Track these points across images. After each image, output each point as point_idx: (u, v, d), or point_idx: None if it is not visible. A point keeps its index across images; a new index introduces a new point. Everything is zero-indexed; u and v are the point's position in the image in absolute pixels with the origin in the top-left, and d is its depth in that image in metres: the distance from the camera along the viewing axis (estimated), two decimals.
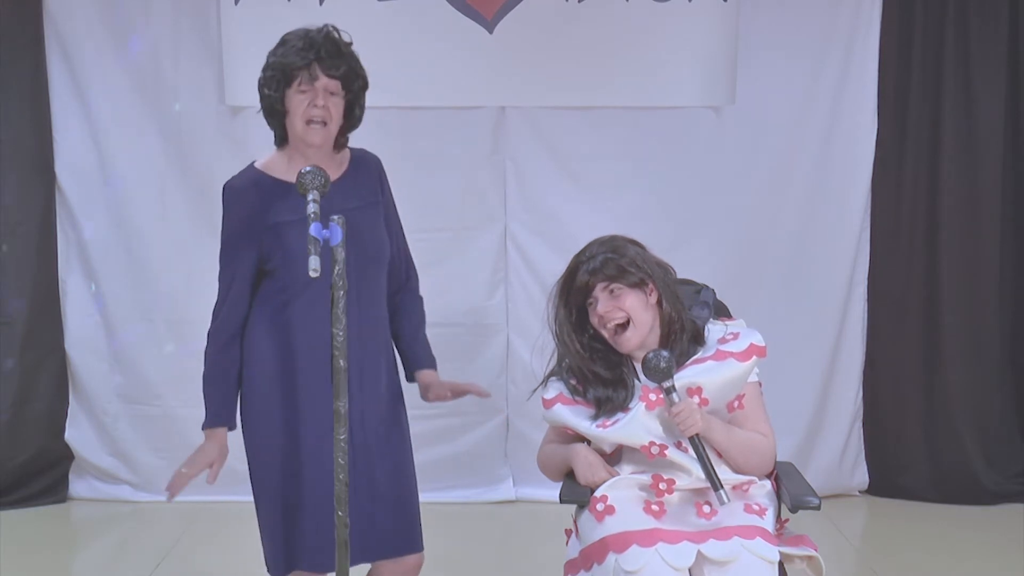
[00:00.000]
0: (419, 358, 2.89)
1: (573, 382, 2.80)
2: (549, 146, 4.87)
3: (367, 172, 2.80)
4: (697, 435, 2.59)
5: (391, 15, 4.69)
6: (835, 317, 4.93)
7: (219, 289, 2.74)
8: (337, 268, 2.37)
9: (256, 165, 2.75)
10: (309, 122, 2.67)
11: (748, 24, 4.76)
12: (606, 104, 4.81)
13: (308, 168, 2.47)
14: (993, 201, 4.87)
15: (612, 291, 2.73)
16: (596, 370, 2.76)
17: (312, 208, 2.39)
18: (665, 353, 2.60)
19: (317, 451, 2.64)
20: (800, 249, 4.89)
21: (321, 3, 4.62)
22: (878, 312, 4.96)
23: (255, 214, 2.68)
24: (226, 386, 2.72)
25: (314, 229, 2.34)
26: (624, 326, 2.73)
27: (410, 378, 2.91)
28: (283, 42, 2.70)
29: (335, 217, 2.38)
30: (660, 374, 2.59)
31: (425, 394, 2.88)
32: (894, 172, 4.89)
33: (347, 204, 2.63)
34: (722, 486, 2.56)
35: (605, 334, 2.75)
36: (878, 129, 4.86)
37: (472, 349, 4.86)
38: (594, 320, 2.76)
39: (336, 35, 2.70)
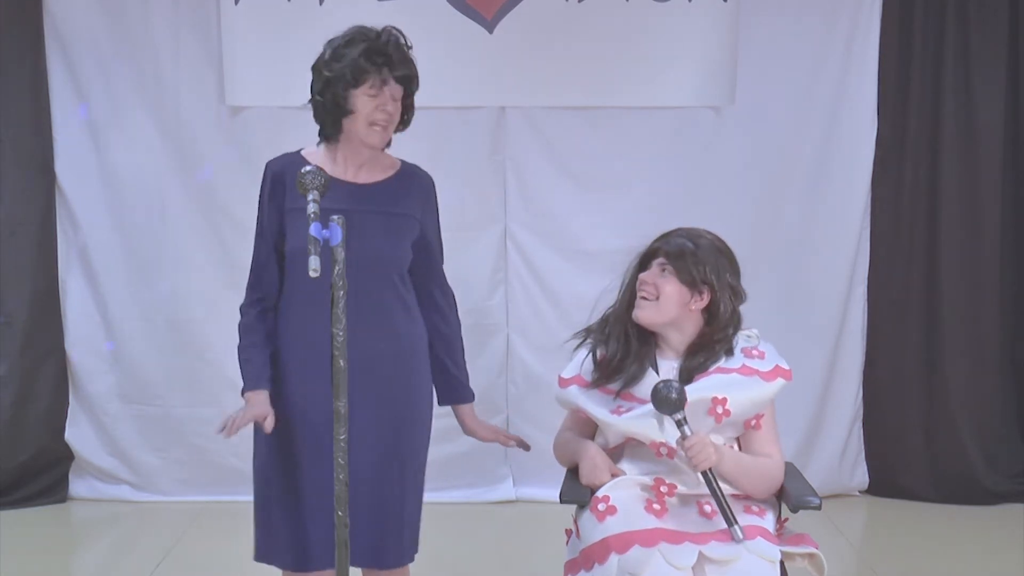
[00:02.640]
0: (451, 389, 2.93)
1: (600, 352, 2.78)
2: (549, 146, 4.87)
3: (412, 187, 2.82)
4: (710, 469, 2.57)
5: (391, 15, 4.62)
6: (835, 317, 4.93)
7: (252, 262, 2.79)
8: (337, 268, 2.37)
9: (302, 152, 2.79)
10: (372, 124, 2.70)
11: (748, 24, 4.76)
12: (606, 104, 4.81)
13: (309, 168, 2.47)
14: (993, 201, 4.87)
15: (664, 269, 2.74)
16: (627, 330, 2.76)
17: (312, 208, 2.39)
18: (676, 384, 2.57)
19: (316, 450, 2.64)
20: (800, 249, 4.89)
21: (321, 3, 4.62)
22: (878, 312, 4.96)
23: (284, 196, 2.71)
24: (264, 352, 2.73)
25: (314, 229, 2.34)
26: (649, 301, 2.73)
27: (442, 403, 2.94)
28: (350, 41, 2.72)
29: (335, 217, 2.38)
30: (671, 406, 2.56)
31: (464, 429, 2.97)
32: (894, 172, 4.89)
33: (362, 206, 2.65)
34: (736, 522, 2.52)
35: (637, 296, 2.76)
36: (878, 129, 4.86)
37: (472, 349, 4.76)
38: (638, 279, 2.77)
39: (403, 40, 2.76)
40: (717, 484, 2.56)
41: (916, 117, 4.85)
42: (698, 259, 2.72)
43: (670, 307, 2.73)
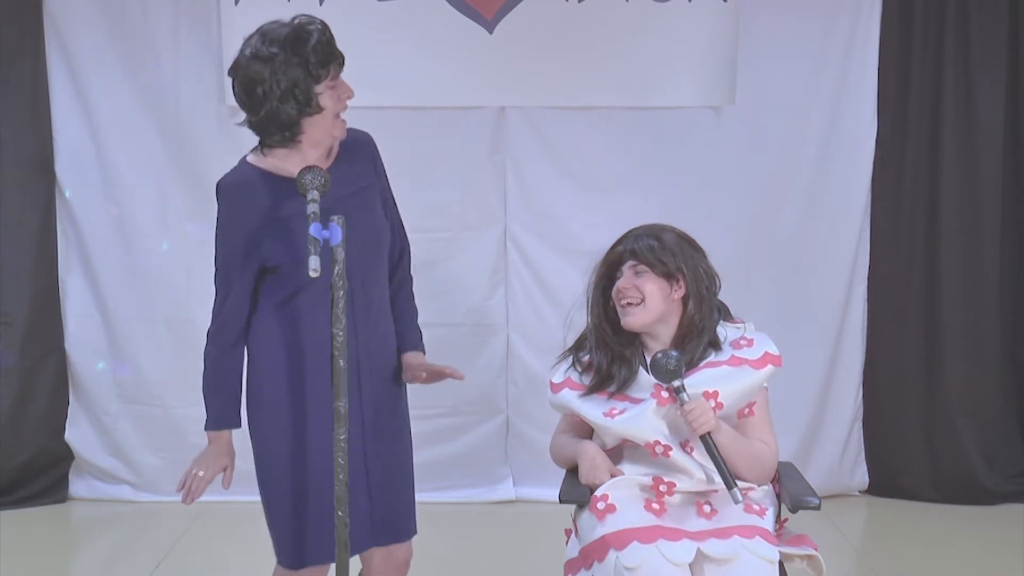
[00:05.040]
0: (406, 339, 2.85)
1: (587, 358, 2.81)
2: (549, 146, 4.87)
3: (360, 154, 2.76)
4: (708, 434, 2.59)
5: (391, 15, 4.69)
6: (835, 317, 4.93)
7: (218, 289, 2.68)
8: (337, 268, 2.37)
9: (250, 161, 2.69)
10: (338, 116, 2.64)
11: (748, 24, 4.76)
12: (606, 104, 4.81)
13: (308, 168, 2.47)
14: (993, 200, 4.87)
15: (637, 271, 2.76)
16: (606, 339, 2.79)
17: (312, 208, 2.39)
18: (674, 353, 2.62)
19: (323, 444, 2.61)
20: (800, 249, 4.89)
21: (321, 3, 4.62)
22: (878, 312, 4.96)
23: (262, 210, 2.61)
24: (231, 387, 2.68)
25: (314, 229, 2.34)
26: (635, 305, 2.75)
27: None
28: (288, 40, 2.57)
29: (335, 217, 2.38)
30: (669, 374, 2.61)
31: (404, 373, 2.83)
32: (894, 171, 4.89)
33: (341, 192, 2.61)
34: (736, 484, 2.57)
35: (618, 308, 2.78)
36: (878, 128, 4.86)
37: (472, 349, 4.86)
38: (613, 291, 2.79)
39: (319, 23, 2.64)
40: (716, 448, 2.59)
41: (916, 117, 4.85)
42: (666, 250, 2.77)
43: (656, 304, 2.75)
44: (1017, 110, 4.87)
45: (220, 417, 2.69)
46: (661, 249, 2.76)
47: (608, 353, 2.78)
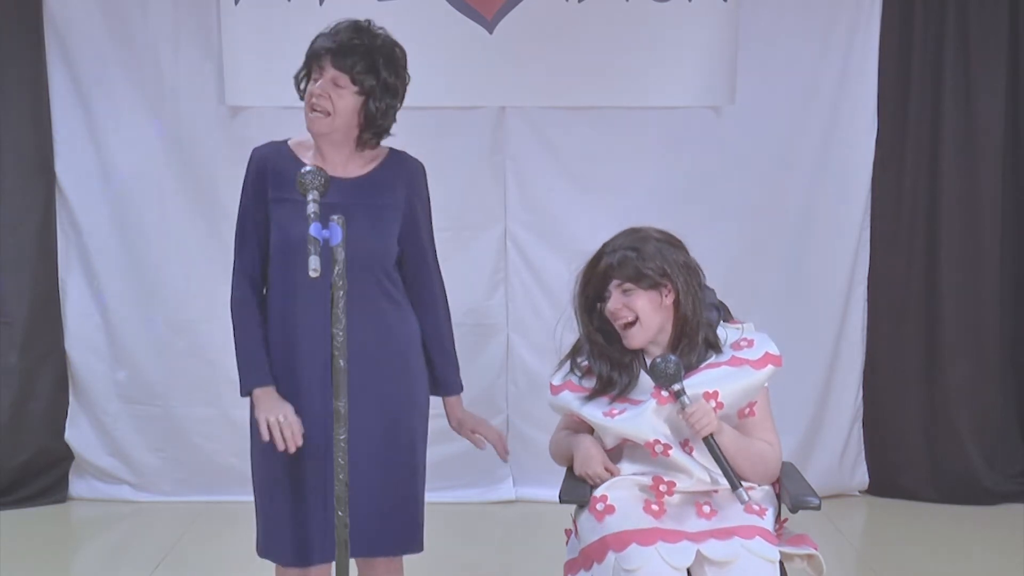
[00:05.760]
0: (440, 381, 2.89)
1: (585, 364, 2.80)
2: (549, 146, 4.87)
3: (397, 175, 2.79)
4: (711, 435, 2.59)
5: (391, 15, 4.65)
6: (835, 317, 4.93)
7: (235, 252, 2.76)
8: (337, 268, 2.37)
9: (288, 141, 2.80)
10: (311, 110, 2.68)
11: (748, 24, 4.76)
12: (606, 104, 4.81)
13: (308, 168, 2.47)
14: (993, 201, 4.88)
15: (624, 290, 2.74)
16: (602, 349, 2.78)
17: (312, 208, 2.39)
18: (673, 358, 2.62)
19: (314, 446, 2.63)
20: (800, 249, 4.89)
21: (321, 3, 4.62)
22: (878, 312, 4.96)
23: (266, 180, 2.70)
24: (264, 345, 2.70)
25: (314, 229, 2.34)
26: (632, 324, 2.74)
27: (434, 394, 2.91)
28: (319, 33, 2.75)
29: (335, 217, 2.37)
30: (668, 379, 2.60)
31: (452, 424, 2.94)
32: (894, 171, 4.89)
33: (347, 200, 2.63)
34: (740, 485, 2.57)
35: (617, 330, 2.76)
36: (878, 128, 4.87)
37: (472, 349, 4.85)
38: (607, 312, 2.77)
39: (363, 28, 2.71)
40: (720, 450, 2.59)
41: (916, 117, 4.86)
42: (646, 259, 2.73)
43: (653, 318, 2.74)
44: (1017, 110, 4.88)
45: (262, 373, 2.70)
46: (641, 259, 2.73)
47: (607, 361, 2.78)
